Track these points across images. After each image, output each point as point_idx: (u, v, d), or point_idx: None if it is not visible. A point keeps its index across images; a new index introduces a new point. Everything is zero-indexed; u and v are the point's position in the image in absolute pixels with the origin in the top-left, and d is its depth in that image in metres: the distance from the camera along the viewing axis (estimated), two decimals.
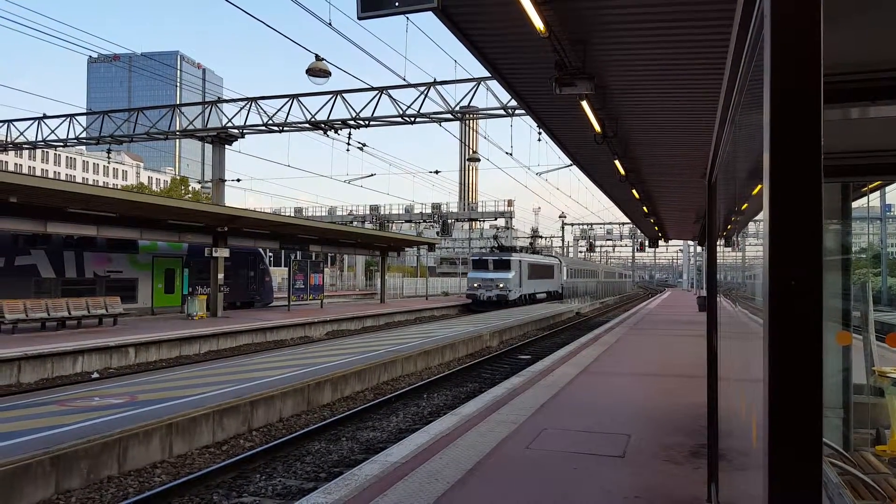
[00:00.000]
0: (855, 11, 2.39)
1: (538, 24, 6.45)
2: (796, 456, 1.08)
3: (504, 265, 43.18)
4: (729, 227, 3.92)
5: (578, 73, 7.56)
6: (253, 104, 29.68)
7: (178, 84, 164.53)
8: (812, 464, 1.08)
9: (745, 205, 2.69)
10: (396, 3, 6.48)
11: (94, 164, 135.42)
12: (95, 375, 15.87)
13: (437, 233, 56.07)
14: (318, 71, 21.22)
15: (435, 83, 25.63)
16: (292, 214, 59.85)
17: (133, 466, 8.27)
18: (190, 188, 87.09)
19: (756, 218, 2.62)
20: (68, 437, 7.77)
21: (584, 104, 9.00)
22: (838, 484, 3.01)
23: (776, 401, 1.10)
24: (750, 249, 2.89)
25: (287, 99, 28.64)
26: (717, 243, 4.76)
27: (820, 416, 1.10)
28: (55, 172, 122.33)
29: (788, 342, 1.10)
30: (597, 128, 10.28)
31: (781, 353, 1.10)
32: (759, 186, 2.27)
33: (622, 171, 14.13)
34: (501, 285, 42.09)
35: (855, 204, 4.99)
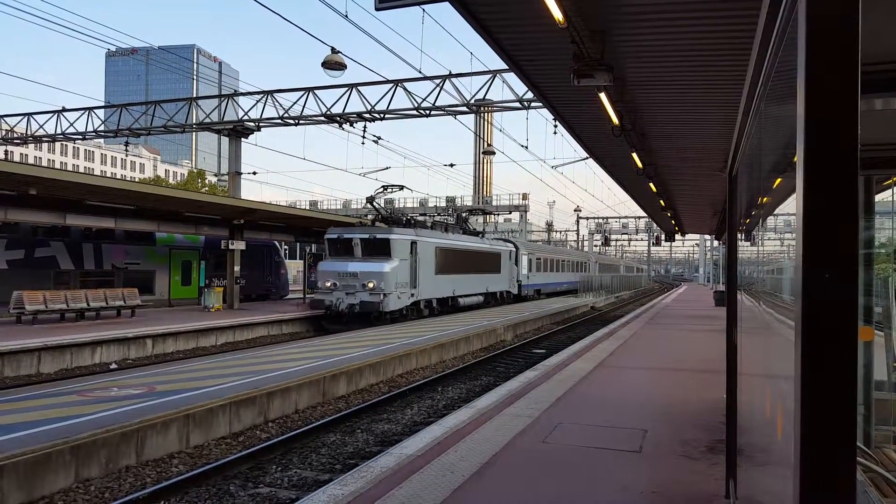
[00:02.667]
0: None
1: (557, 14, 6.39)
2: (830, 456, 1.05)
3: (379, 249, 24.36)
4: (748, 220, 3.86)
5: (597, 64, 7.48)
6: (269, 97, 29.75)
7: (195, 77, 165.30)
8: (846, 464, 1.05)
9: (770, 197, 2.64)
10: None
11: (112, 156, 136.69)
12: (114, 366, 16.05)
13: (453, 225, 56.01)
14: (333, 64, 21.22)
15: (450, 76, 25.54)
16: (307, 207, 60.10)
17: (151, 456, 8.35)
18: (206, 181, 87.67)
19: (778, 211, 2.58)
20: (88, 427, 7.86)
21: (602, 96, 8.91)
22: (863, 482, 2.96)
23: (809, 398, 1.07)
24: (775, 243, 2.84)
25: (303, 92, 28.67)
26: (738, 237, 4.70)
27: (854, 415, 1.07)
28: (74, 165, 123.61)
29: (823, 337, 1.06)
30: (614, 120, 10.19)
31: (815, 349, 1.07)
32: (779, 179, 2.23)
33: (639, 164, 14.00)
34: (371, 284, 23.48)
35: (878, 197, 4.90)
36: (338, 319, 23.95)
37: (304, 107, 28.56)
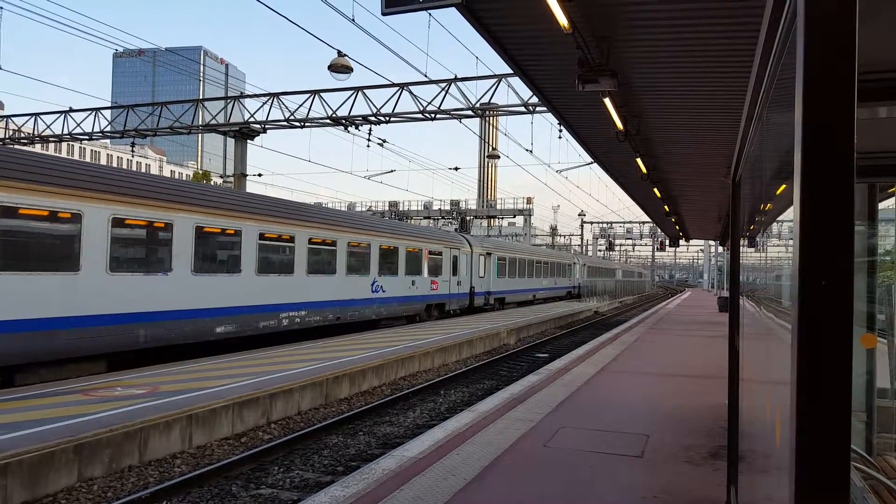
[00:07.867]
0: (885, 8, 2.34)
1: (562, 20, 6.41)
2: (824, 461, 1.06)
3: None
4: (752, 226, 3.86)
5: (601, 69, 7.50)
6: (275, 99, 29.82)
7: (202, 79, 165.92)
8: (840, 469, 1.06)
9: (772, 204, 2.65)
10: None
11: (118, 157, 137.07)
12: None
13: (456, 229, 56.09)
14: (340, 67, 21.27)
15: (456, 80, 25.57)
16: None
17: (154, 456, 8.37)
18: (212, 182, 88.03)
19: (780, 217, 2.59)
20: (91, 427, 7.88)
21: (607, 101, 8.93)
22: (863, 488, 2.97)
23: (803, 403, 1.08)
24: (776, 249, 2.85)
25: (309, 94, 28.73)
26: (741, 243, 4.70)
27: (849, 420, 1.08)
28: None
29: (818, 342, 1.08)
30: (619, 125, 10.20)
31: (810, 353, 1.08)
32: (784, 186, 2.24)
33: (644, 170, 14.01)
34: None
35: (881, 205, 4.90)
36: None
37: (309, 109, 28.62)
